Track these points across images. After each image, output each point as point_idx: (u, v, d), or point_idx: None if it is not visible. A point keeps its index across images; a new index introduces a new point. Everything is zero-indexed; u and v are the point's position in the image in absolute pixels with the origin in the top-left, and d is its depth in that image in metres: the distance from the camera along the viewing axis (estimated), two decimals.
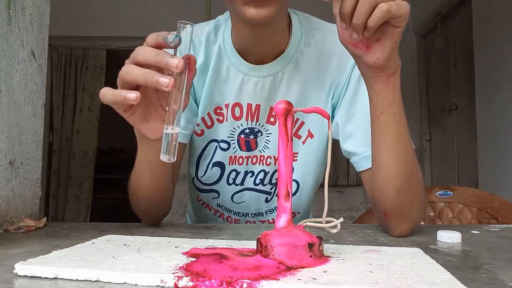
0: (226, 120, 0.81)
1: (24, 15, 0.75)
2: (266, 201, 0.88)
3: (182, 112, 0.52)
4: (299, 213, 0.90)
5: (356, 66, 0.75)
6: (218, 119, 0.82)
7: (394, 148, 0.60)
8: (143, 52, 0.50)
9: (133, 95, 0.49)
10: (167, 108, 0.50)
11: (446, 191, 1.12)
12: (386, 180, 0.61)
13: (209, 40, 0.79)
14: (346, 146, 0.76)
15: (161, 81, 0.47)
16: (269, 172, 0.85)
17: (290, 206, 0.45)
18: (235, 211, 0.90)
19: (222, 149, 0.84)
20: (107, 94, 0.51)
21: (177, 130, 0.50)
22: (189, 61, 0.50)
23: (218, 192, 0.89)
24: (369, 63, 0.55)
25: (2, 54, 0.69)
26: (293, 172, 0.84)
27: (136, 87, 0.52)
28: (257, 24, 0.68)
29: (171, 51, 0.50)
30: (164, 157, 0.50)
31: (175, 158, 0.50)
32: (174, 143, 0.50)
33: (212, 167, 0.85)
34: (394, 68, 0.56)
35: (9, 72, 0.71)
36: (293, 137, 0.81)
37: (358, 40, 0.54)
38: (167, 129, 0.49)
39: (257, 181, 0.86)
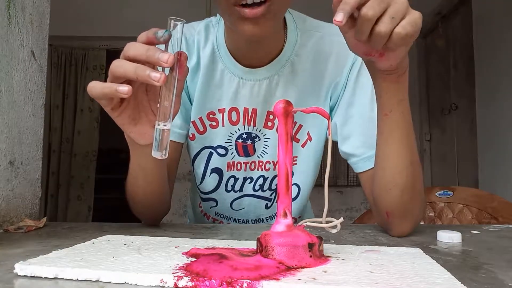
0: (223, 125, 0.79)
1: (24, 15, 0.75)
2: (266, 207, 0.87)
3: (173, 110, 0.51)
4: (299, 217, 0.89)
5: (353, 67, 0.75)
6: (211, 125, 0.80)
7: (401, 146, 0.59)
8: (134, 48, 0.49)
9: (124, 88, 0.48)
10: (158, 105, 0.49)
11: (446, 191, 1.12)
12: (391, 178, 0.61)
13: (200, 41, 0.78)
14: (344, 147, 0.75)
15: (152, 75, 0.46)
16: (268, 177, 0.84)
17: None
18: (235, 218, 0.89)
19: (219, 155, 0.82)
20: (96, 86, 0.49)
21: (169, 127, 0.49)
22: (179, 58, 0.49)
23: (216, 201, 0.87)
24: (381, 68, 0.55)
25: (2, 54, 0.69)
26: (293, 176, 0.83)
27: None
28: (253, 40, 0.68)
29: (163, 48, 0.50)
30: (155, 154, 0.49)
31: (167, 155, 0.50)
32: (167, 139, 0.49)
33: (210, 174, 0.84)
34: (403, 69, 0.56)
35: (9, 72, 0.71)
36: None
37: (371, 50, 0.52)
38: (158, 125, 0.49)
39: (257, 187, 0.85)
